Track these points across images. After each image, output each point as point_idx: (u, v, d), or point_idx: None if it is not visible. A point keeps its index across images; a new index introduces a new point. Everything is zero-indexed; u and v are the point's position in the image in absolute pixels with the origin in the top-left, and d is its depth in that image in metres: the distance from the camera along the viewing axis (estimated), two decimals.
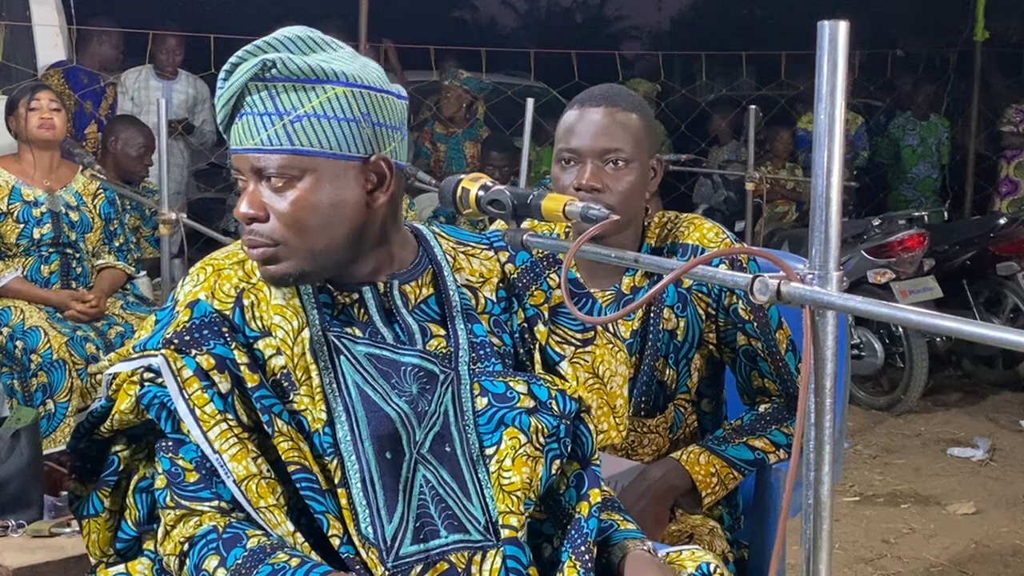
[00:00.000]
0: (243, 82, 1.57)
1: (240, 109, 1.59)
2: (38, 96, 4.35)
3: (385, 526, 1.61)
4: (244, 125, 1.59)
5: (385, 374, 1.66)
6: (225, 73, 1.60)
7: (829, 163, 1.33)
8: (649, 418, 2.26)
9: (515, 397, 1.70)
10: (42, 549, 2.40)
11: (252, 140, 1.58)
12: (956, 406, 6.12)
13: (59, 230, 4.32)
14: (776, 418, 2.25)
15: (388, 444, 1.64)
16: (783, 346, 2.25)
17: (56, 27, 6.24)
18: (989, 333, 1.19)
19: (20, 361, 4.01)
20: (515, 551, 1.64)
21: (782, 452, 2.23)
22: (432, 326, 1.72)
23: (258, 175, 1.60)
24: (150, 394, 1.60)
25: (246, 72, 1.57)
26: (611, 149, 2.15)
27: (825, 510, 1.40)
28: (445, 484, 1.66)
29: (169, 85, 6.83)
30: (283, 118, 1.57)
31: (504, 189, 1.65)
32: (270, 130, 1.57)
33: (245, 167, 1.61)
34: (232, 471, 1.56)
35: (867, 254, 5.84)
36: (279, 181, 1.59)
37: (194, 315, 1.62)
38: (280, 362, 1.62)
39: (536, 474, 1.68)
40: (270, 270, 1.63)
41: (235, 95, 1.58)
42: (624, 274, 2.26)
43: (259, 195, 1.61)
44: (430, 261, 1.76)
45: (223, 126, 1.63)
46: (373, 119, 1.62)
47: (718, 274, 1.47)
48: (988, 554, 4.15)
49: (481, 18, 22.80)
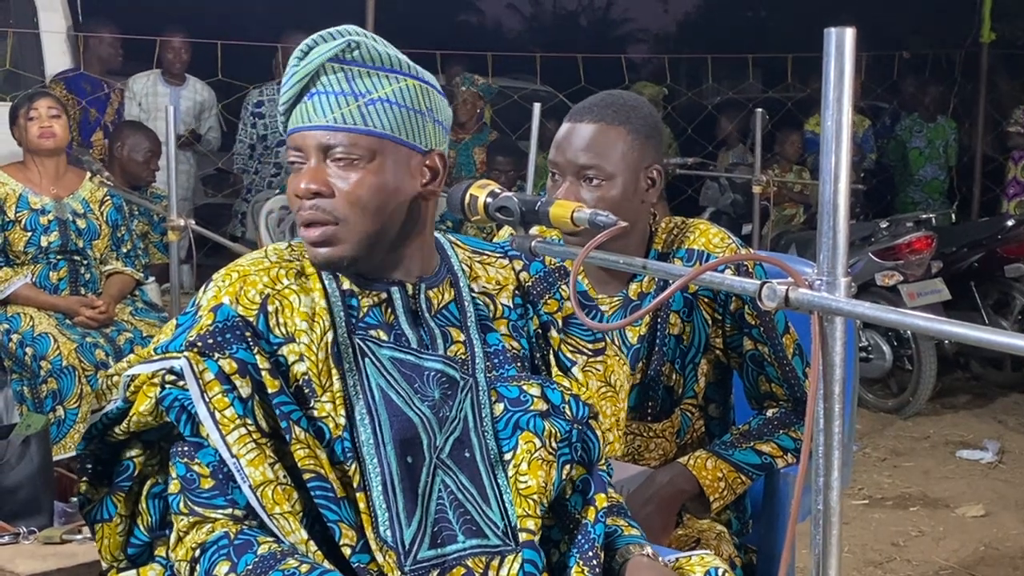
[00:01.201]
0: (322, 62, 1.62)
1: (311, 89, 1.63)
2: (35, 105, 4.34)
3: (404, 530, 1.62)
4: (316, 103, 1.62)
5: (409, 378, 1.68)
6: (301, 54, 1.64)
7: (836, 169, 1.33)
8: (655, 423, 2.26)
9: (528, 400, 1.72)
10: (53, 556, 2.41)
11: (324, 118, 1.62)
12: (965, 408, 6.10)
13: (66, 237, 4.33)
14: (784, 423, 2.25)
15: (410, 449, 1.65)
16: (790, 351, 2.25)
17: (64, 34, 6.26)
18: (997, 339, 1.19)
19: (30, 368, 4.02)
20: (532, 555, 1.66)
21: (790, 457, 2.23)
22: (453, 331, 1.74)
23: (324, 152, 1.63)
24: (170, 396, 1.60)
25: (328, 51, 1.62)
26: (589, 166, 2.15)
27: (834, 515, 1.40)
28: (464, 489, 1.67)
29: (177, 91, 6.85)
30: (358, 99, 1.62)
31: (512, 196, 1.66)
32: (344, 109, 1.62)
33: (311, 144, 1.63)
34: (248, 476, 1.57)
35: (875, 256, 5.84)
36: (347, 160, 1.62)
37: (217, 319, 1.63)
38: (302, 368, 1.62)
39: (550, 478, 1.70)
40: (324, 253, 1.65)
41: (310, 74, 1.62)
42: (632, 280, 2.27)
43: (324, 172, 1.63)
44: (448, 270, 1.78)
45: (285, 107, 1.66)
46: (434, 116, 1.69)
47: (726, 280, 1.47)
48: (998, 557, 4.14)
49: (486, 22, 22.84)
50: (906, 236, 5.85)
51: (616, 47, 16.45)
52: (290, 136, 1.66)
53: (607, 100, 2.21)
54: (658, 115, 2.30)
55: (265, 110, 6.70)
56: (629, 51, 19.16)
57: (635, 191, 2.18)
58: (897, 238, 5.86)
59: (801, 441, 2.17)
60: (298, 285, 1.68)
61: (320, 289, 1.68)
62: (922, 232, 5.89)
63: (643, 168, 2.19)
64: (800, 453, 2.15)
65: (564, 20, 23.38)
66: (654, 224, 2.31)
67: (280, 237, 5.29)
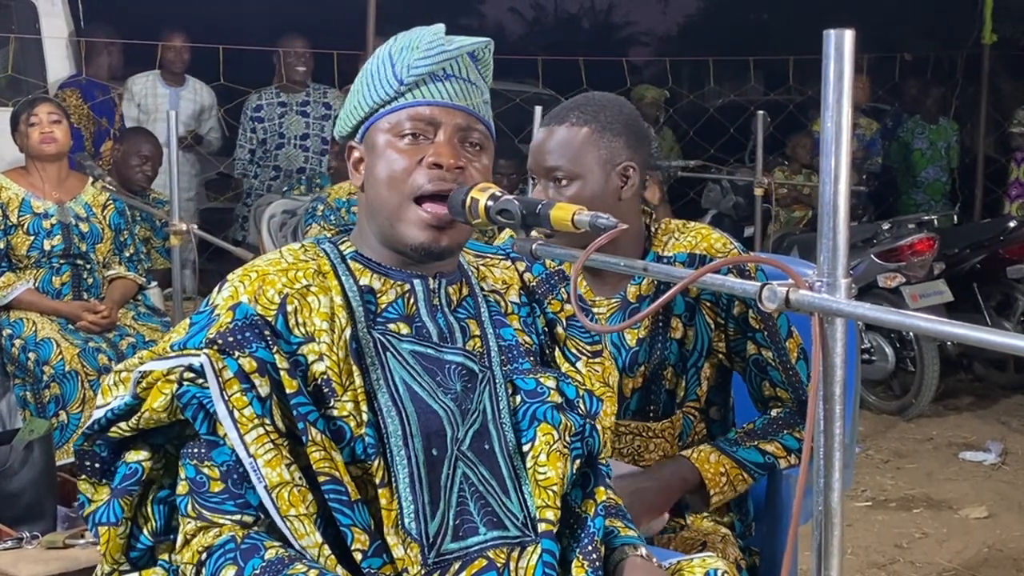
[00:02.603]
0: (468, 50, 1.72)
1: (450, 71, 1.71)
2: (36, 111, 4.35)
3: (428, 523, 1.63)
4: (456, 86, 1.71)
5: (431, 372, 1.69)
6: (443, 37, 1.71)
7: (836, 170, 1.34)
8: (656, 423, 2.26)
9: (545, 392, 1.74)
10: (56, 560, 2.41)
11: (466, 100, 1.72)
12: (967, 410, 6.10)
13: (69, 242, 4.33)
14: (788, 423, 2.25)
15: (435, 441, 1.66)
16: (794, 355, 2.25)
17: (65, 40, 6.27)
18: (1000, 340, 1.19)
19: (33, 373, 4.03)
20: (551, 545, 1.67)
21: (793, 457, 2.23)
22: (471, 323, 1.76)
23: (461, 133, 1.71)
24: (188, 394, 1.59)
25: (473, 44, 1.73)
26: (554, 168, 2.19)
27: (836, 516, 1.40)
28: (484, 481, 1.68)
29: (176, 92, 6.84)
30: (482, 95, 1.76)
31: (513, 199, 1.66)
32: (478, 99, 1.74)
33: (451, 121, 1.70)
34: (265, 476, 1.56)
35: (877, 258, 5.83)
36: (476, 147, 1.72)
37: (236, 317, 1.62)
38: (322, 367, 1.62)
39: (567, 470, 1.72)
40: (447, 237, 1.70)
41: (452, 58, 1.70)
42: (630, 283, 2.27)
43: (461, 151, 1.71)
44: (460, 269, 1.81)
45: (412, 79, 1.69)
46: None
47: (727, 282, 1.47)
48: (1001, 558, 4.14)
49: (488, 25, 22.82)
50: (908, 238, 5.85)
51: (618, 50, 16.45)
52: (415, 107, 1.70)
53: (576, 102, 2.24)
54: (635, 113, 2.27)
55: (264, 114, 6.70)
56: (631, 54, 19.17)
57: (607, 190, 2.18)
58: (899, 240, 5.86)
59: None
60: (316, 285, 1.68)
61: (337, 287, 1.69)
62: (924, 234, 5.89)
63: (614, 166, 2.19)
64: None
65: (566, 23, 23.39)
66: (653, 226, 2.30)
67: (282, 241, 5.29)
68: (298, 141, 6.64)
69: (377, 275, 1.72)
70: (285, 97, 6.72)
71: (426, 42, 1.70)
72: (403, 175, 1.68)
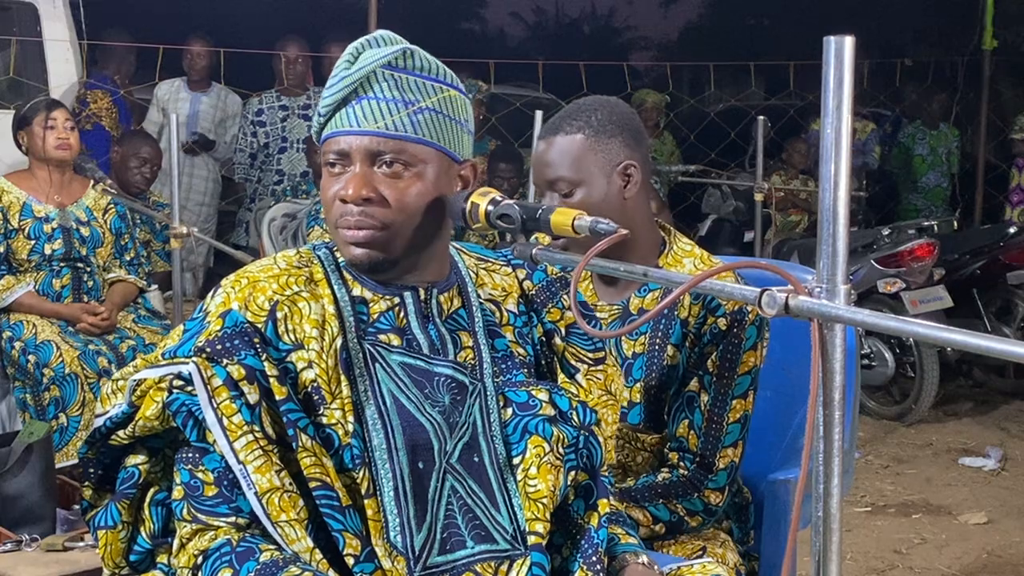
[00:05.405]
0: (376, 66, 1.63)
1: (359, 93, 1.64)
2: (54, 115, 4.34)
3: (414, 536, 1.62)
4: (365, 108, 1.64)
5: (419, 384, 1.68)
6: (351, 58, 1.65)
7: (836, 176, 1.34)
8: (645, 435, 2.24)
9: (537, 405, 1.72)
10: (56, 563, 2.41)
11: (374, 123, 1.63)
12: (967, 416, 6.10)
13: (70, 245, 4.33)
14: (670, 492, 2.16)
15: (421, 454, 1.65)
16: (735, 415, 2.16)
17: (67, 42, 6.27)
18: (999, 346, 1.19)
19: (32, 375, 4.03)
20: (541, 558, 1.66)
21: (659, 527, 2.15)
22: (463, 335, 1.75)
23: (371, 159, 1.64)
24: (178, 401, 1.60)
25: (383, 57, 1.64)
26: (554, 180, 2.19)
27: (835, 522, 1.40)
28: (473, 494, 1.68)
29: (197, 97, 6.82)
30: (408, 107, 1.64)
31: (513, 203, 1.66)
32: (395, 116, 1.64)
33: (359, 149, 1.64)
34: (255, 483, 1.57)
35: (877, 264, 5.84)
36: (395, 167, 1.64)
37: (226, 325, 1.63)
38: (311, 375, 1.62)
39: (558, 483, 1.71)
40: (364, 253, 1.65)
41: (361, 79, 1.63)
42: (635, 293, 2.26)
43: (372, 177, 1.64)
44: (456, 276, 1.79)
45: (328, 110, 1.66)
46: (468, 127, 1.72)
47: (726, 287, 1.48)
48: (1000, 564, 4.14)
49: (489, 29, 22.86)
50: (908, 243, 5.85)
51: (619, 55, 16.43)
52: (332, 139, 1.66)
53: (568, 111, 2.23)
54: (629, 111, 2.26)
55: (266, 118, 6.70)
56: (631, 59, 19.16)
57: (611, 192, 2.18)
58: (899, 245, 5.87)
59: (678, 515, 2.14)
60: (308, 292, 1.68)
61: (329, 295, 1.69)
62: (924, 239, 5.89)
63: (614, 167, 2.18)
64: (675, 527, 2.14)
65: (567, 28, 23.40)
66: (671, 241, 2.29)
67: (283, 245, 5.29)
68: (301, 145, 6.64)
69: (368, 287, 1.72)
70: (286, 100, 6.72)
71: (336, 69, 1.67)
72: (330, 204, 1.68)
